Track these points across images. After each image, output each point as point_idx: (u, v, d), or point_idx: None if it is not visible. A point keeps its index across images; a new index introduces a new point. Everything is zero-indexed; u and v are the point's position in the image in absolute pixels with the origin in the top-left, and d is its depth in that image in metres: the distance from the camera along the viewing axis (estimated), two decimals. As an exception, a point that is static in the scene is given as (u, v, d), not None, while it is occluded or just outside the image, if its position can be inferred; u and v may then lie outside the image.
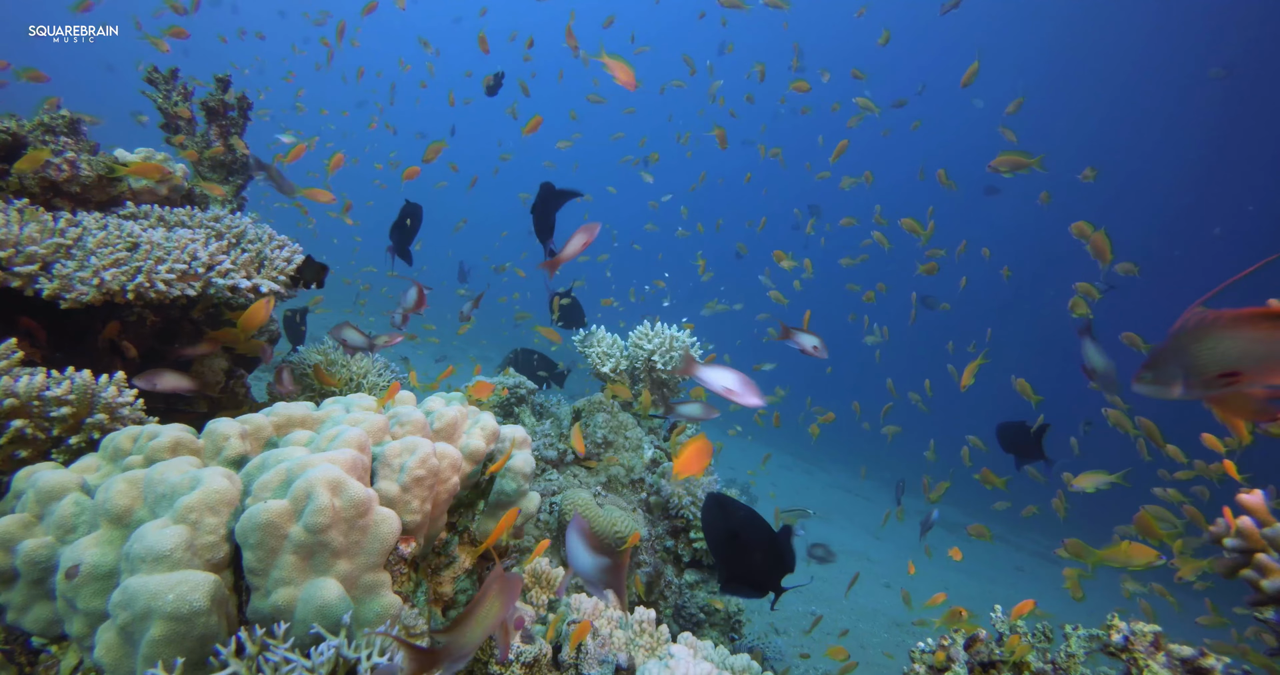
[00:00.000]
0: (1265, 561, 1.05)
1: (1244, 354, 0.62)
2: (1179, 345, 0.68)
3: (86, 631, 0.89)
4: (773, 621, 4.28)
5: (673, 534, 2.44)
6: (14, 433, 1.18)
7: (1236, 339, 0.63)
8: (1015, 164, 3.20)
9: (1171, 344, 0.69)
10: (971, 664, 1.24)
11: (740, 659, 1.37)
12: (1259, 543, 1.06)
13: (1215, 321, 0.64)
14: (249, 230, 1.80)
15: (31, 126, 1.79)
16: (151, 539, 0.86)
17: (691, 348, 2.65)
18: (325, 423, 1.21)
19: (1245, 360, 0.62)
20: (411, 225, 2.88)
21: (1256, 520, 1.08)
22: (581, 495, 2.10)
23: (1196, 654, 1.08)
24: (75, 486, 1.00)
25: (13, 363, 1.27)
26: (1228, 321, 0.64)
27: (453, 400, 1.45)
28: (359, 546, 0.97)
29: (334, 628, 0.89)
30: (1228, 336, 0.63)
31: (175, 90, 2.31)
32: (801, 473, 10.47)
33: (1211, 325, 0.65)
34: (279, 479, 0.96)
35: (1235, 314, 0.64)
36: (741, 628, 2.38)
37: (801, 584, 1.97)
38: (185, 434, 1.11)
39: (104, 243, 1.49)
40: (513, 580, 0.96)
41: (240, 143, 2.37)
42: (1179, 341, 0.68)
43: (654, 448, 2.61)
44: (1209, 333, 0.65)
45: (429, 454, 1.12)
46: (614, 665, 1.27)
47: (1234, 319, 0.63)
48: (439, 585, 1.37)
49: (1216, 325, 0.64)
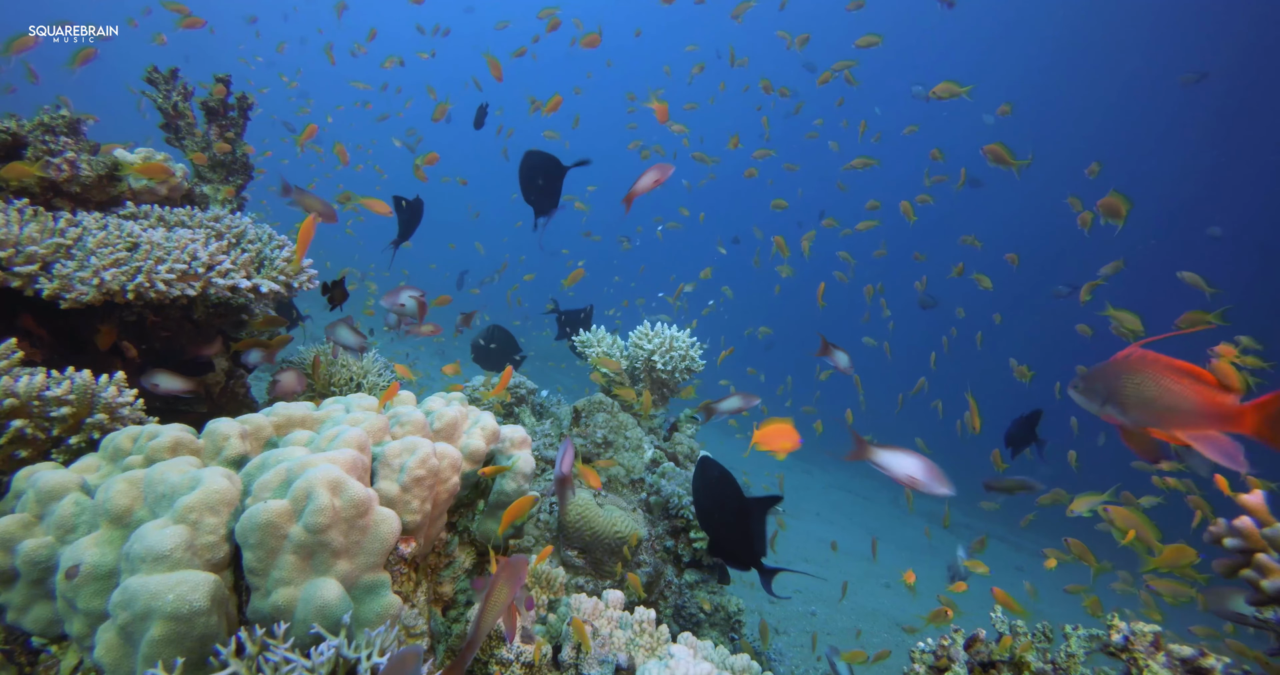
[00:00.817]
0: (1265, 561, 1.05)
1: (1157, 400, 0.69)
2: (1114, 373, 0.75)
3: (86, 631, 0.89)
4: (775, 623, 4.28)
5: (673, 534, 2.44)
6: (14, 433, 1.18)
7: (1158, 386, 0.70)
8: (998, 157, 3.27)
9: (1109, 369, 0.76)
10: (971, 664, 1.24)
11: (740, 659, 1.38)
12: (1259, 543, 1.06)
13: (1148, 364, 0.71)
14: (249, 230, 1.80)
15: (31, 126, 1.79)
16: (151, 539, 0.86)
17: (692, 348, 2.65)
18: (325, 423, 1.21)
19: (1156, 405, 0.69)
20: (411, 218, 2.84)
21: (1256, 520, 1.08)
22: (581, 495, 2.10)
23: (1196, 654, 1.08)
24: (75, 486, 1.00)
25: (13, 363, 1.27)
26: (1158, 367, 0.70)
27: (453, 400, 1.44)
28: (359, 546, 0.97)
29: (334, 628, 0.89)
30: (1152, 380, 0.70)
31: (175, 90, 2.31)
32: (801, 472, 10.47)
33: (1144, 367, 0.71)
34: (279, 479, 0.96)
35: (1166, 363, 0.70)
36: (742, 628, 2.38)
37: (800, 571, 1.99)
38: (185, 434, 1.11)
39: (104, 243, 1.49)
40: (518, 561, 0.97)
41: (244, 145, 2.37)
42: (1115, 369, 0.75)
43: (654, 448, 2.61)
44: (1139, 372, 0.71)
45: (429, 454, 1.12)
46: (614, 665, 1.27)
47: (1163, 367, 0.70)
48: (439, 585, 1.37)
49: (1147, 367, 0.71)
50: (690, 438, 2.75)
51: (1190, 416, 0.69)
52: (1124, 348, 0.77)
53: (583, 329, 2.81)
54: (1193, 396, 0.68)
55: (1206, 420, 0.68)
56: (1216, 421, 0.68)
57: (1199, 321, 2.68)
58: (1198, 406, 0.68)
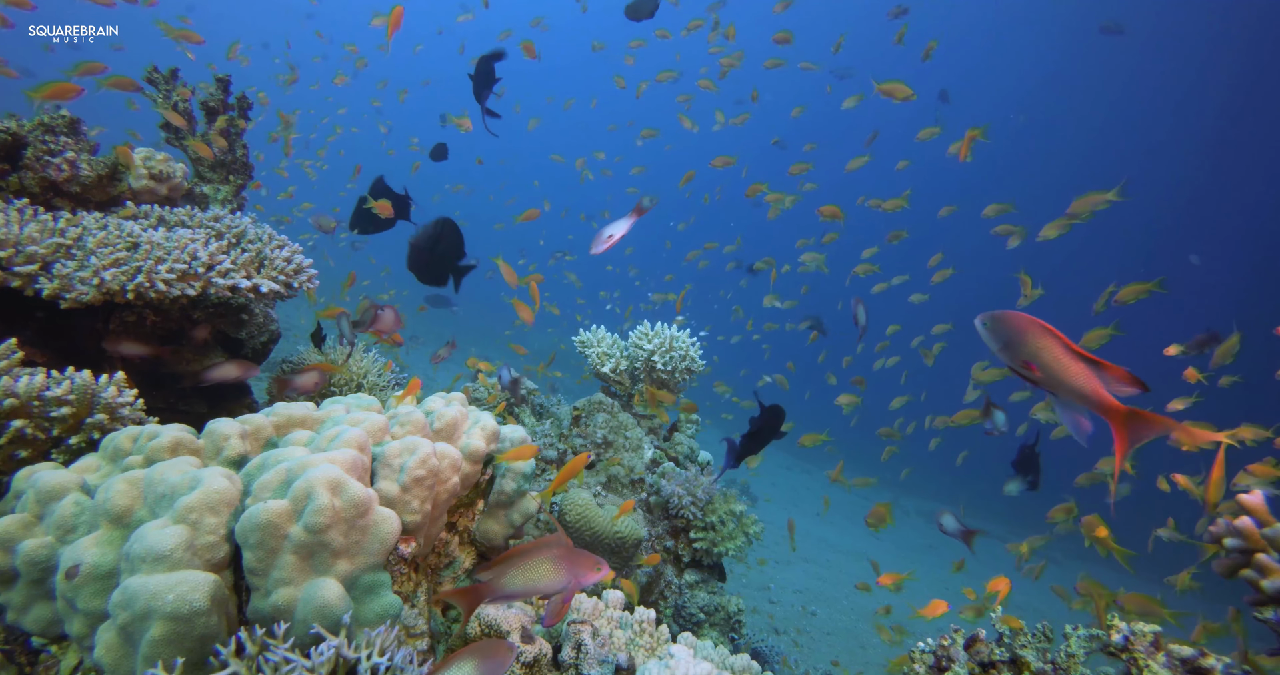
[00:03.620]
0: (1265, 561, 1.05)
1: (1052, 366, 0.90)
2: (1023, 328, 0.95)
3: (86, 631, 0.89)
4: (775, 623, 4.28)
5: (673, 534, 2.44)
6: (14, 433, 1.18)
7: (1056, 358, 0.90)
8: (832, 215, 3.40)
9: (1020, 322, 0.96)
10: (971, 664, 1.24)
11: (740, 659, 1.38)
12: (1259, 543, 1.06)
13: (1055, 338, 0.91)
14: (249, 230, 1.80)
15: (31, 126, 1.79)
16: (151, 539, 0.86)
17: (692, 348, 2.65)
18: (325, 423, 1.21)
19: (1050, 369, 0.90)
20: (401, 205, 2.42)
21: (1256, 520, 1.08)
22: (581, 495, 2.10)
23: (1196, 654, 1.08)
24: (75, 486, 1.00)
25: (13, 363, 1.27)
26: (1038, 330, 0.92)
27: (453, 401, 1.44)
28: (359, 546, 0.97)
29: (334, 628, 0.89)
30: (1055, 351, 0.90)
31: (175, 90, 2.31)
32: (801, 472, 10.48)
33: (1048, 337, 0.92)
34: (279, 479, 0.96)
35: (1069, 344, 0.91)
36: (742, 628, 2.38)
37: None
38: (185, 434, 1.11)
39: (104, 243, 1.49)
40: (583, 556, 0.98)
41: (242, 144, 2.37)
42: (1025, 326, 0.95)
43: (654, 448, 2.61)
44: (1044, 338, 0.92)
45: (429, 454, 1.12)
46: (614, 665, 1.27)
47: (1064, 348, 0.91)
48: (439, 585, 1.37)
49: (1050, 338, 0.91)
50: (690, 438, 2.75)
51: (1074, 393, 0.88)
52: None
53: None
54: (1085, 381, 0.87)
55: (1086, 402, 0.87)
56: (1093, 406, 0.87)
57: (1141, 292, 2.82)
58: (1086, 390, 0.87)
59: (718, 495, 2.41)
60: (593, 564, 1.02)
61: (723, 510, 2.37)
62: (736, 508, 2.40)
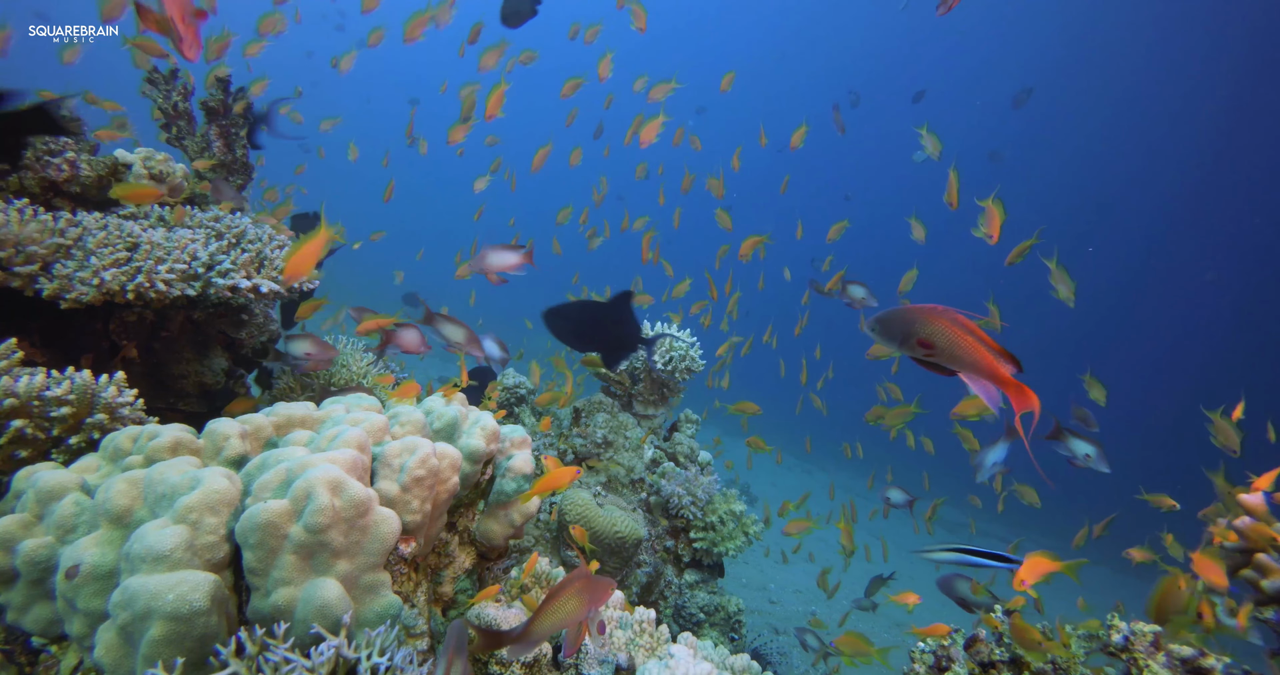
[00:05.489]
0: (1265, 561, 1.05)
1: (949, 348, 0.98)
2: (911, 319, 1.01)
3: (86, 631, 0.89)
4: (775, 623, 4.28)
5: (673, 534, 2.44)
6: (14, 433, 1.18)
7: (950, 338, 0.97)
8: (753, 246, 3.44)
9: (906, 315, 1.02)
10: (971, 664, 1.24)
11: (740, 659, 1.38)
12: (1259, 543, 1.07)
13: (942, 317, 0.99)
14: (249, 230, 1.80)
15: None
16: (151, 539, 0.86)
17: (692, 348, 2.65)
18: (325, 423, 1.21)
19: (949, 351, 0.98)
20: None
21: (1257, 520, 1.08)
22: (581, 495, 2.10)
23: (1196, 654, 1.08)
24: (75, 486, 1.00)
25: (13, 363, 1.27)
26: (936, 314, 0.99)
27: (453, 401, 1.44)
28: (359, 546, 0.97)
29: (334, 628, 0.89)
30: (947, 331, 0.98)
31: (175, 90, 2.31)
32: (801, 472, 10.48)
33: (937, 318, 0.99)
34: (279, 479, 0.96)
35: (960, 319, 0.98)
36: (742, 628, 2.38)
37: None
38: (185, 434, 1.11)
39: (104, 243, 1.49)
40: (600, 583, 0.99)
41: (241, 144, 2.36)
42: (912, 316, 1.01)
43: (654, 448, 2.61)
44: (935, 322, 0.99)
45: (429, 454, 1.12)
46: (614, 665, 1.27)
47: (956, 323, 0.98)
48: (439, 585, 1.37)
49: (940, 319, 0.98)
50: (690, 438, 2.75)
51: (973, 367, 0.97)
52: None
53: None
54: (979, 355, 0.96)
55: (983, 374, 0.97)
56: (989, 378, 0.96)
57: (1024, 249, 2.87)
58: (981, 365, 0.96)
59: (717, 495, 2.42)
60: (607, 587, 1.04)
61: (723, 510, 2.37)
62: (736, 507, 2.40)
